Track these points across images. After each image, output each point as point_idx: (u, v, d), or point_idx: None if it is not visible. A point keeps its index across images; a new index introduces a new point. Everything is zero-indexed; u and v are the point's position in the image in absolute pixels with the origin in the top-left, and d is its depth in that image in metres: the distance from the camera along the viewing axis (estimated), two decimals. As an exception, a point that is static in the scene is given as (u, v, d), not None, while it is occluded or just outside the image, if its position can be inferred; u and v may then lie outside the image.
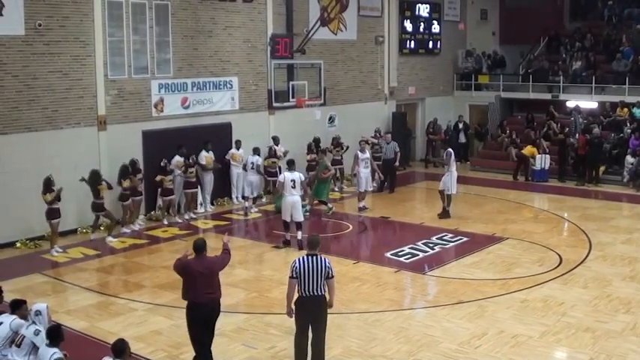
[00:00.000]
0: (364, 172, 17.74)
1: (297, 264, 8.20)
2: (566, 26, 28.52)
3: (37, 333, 7.52)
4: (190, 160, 16.81)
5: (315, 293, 8.19)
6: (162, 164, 16.39)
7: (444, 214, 16.70)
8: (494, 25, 28.23)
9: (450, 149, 17.34)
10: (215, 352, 9.30)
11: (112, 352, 6.93)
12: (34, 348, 7.46)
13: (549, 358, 9.40)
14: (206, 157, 17.45)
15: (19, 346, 7.51)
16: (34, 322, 7.62)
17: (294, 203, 14.13)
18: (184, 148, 16.90)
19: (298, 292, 8.26)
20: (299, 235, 14.22)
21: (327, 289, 8.29)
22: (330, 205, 17.35)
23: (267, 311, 10.67)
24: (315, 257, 8.23)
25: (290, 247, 14.30)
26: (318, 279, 8.15)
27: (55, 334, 7.29)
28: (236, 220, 17.22)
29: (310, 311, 8.29)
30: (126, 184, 15.48)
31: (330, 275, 8.25)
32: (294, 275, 8.19)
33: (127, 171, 15.67)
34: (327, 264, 8.23)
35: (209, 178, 17.75)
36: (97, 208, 15.02)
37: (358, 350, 9.40)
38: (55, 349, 7.15)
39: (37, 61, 14.90)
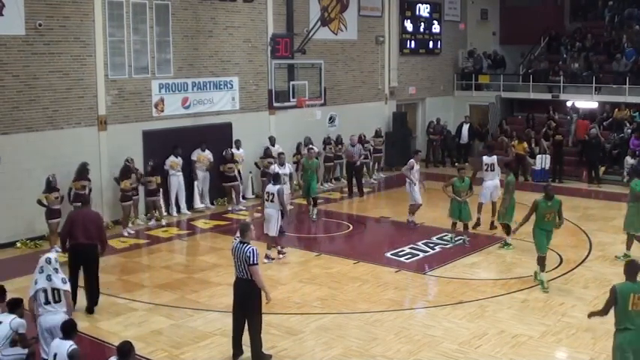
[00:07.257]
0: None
1: (232, 247, 8.96)
2: (567, 26, 28.49)
3: (64, 281, 8.44)
4: (149, 167, 16.42)
5: (240, 276, 8.82)
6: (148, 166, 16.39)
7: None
8: (495, 25, 28.22)
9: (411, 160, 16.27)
10: (215, 352, 9.33)
11: (118, 354, 6.91)
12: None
13: (550, 358, 9.40)
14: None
15: (57, 301, 8.29)
16: (55, 270, 8.35)
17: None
18: (180, 148, 17.16)
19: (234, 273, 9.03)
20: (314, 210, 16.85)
21: (252, 275, 8.72)
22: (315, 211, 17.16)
23: (267, 311, 10.58)
24: (242, 244, 8.76)
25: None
26: (241, 264, 8.72)
27: (70, 328, 7.45)
28: (236, 219, 17.21)
29: (237, 291, 8.94)
30: (124, 184, 15.50)
31: (250, 262, 8.64)
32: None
33: (128, 171, 15.68)
34: (247, 252, 8.64)
35: (202, 176, 17.68)
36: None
37: (359, 350, 9.40)
38: (71, 342, 7.28)
39: (38, 61, 14.90)
